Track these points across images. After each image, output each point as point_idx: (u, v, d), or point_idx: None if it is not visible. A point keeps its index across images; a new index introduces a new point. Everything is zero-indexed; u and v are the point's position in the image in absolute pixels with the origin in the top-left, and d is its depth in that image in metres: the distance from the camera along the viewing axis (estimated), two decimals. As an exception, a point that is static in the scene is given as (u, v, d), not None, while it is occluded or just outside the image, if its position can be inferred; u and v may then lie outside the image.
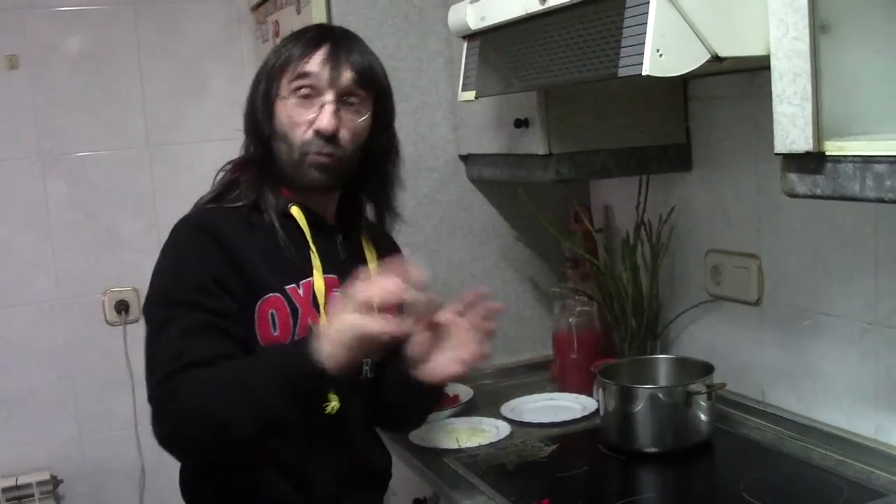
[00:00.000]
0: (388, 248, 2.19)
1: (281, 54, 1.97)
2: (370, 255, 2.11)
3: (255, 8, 3.52)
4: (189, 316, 1.80)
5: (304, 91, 1.93)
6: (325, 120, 1.91)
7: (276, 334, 1.90)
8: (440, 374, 1.97)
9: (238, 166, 2.03)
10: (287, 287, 1.92)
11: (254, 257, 1.89)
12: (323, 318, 1.92)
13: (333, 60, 1.93)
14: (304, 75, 1.92)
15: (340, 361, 1.68)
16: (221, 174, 2.05)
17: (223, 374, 1.74)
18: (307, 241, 1.97)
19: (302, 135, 1.93)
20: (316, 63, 1.93)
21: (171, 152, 3.58)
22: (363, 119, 1.98)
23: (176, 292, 1.84)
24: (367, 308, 1.67)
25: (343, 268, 1.99)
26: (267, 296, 1.90)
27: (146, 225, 3.54)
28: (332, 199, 2.08)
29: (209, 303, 1.82)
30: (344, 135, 1.94)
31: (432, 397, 2.15)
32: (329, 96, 1.92)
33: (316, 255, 1.96)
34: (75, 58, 3.47)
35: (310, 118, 1.93)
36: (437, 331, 1.97)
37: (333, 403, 1.88)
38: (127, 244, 3.55)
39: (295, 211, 1.98)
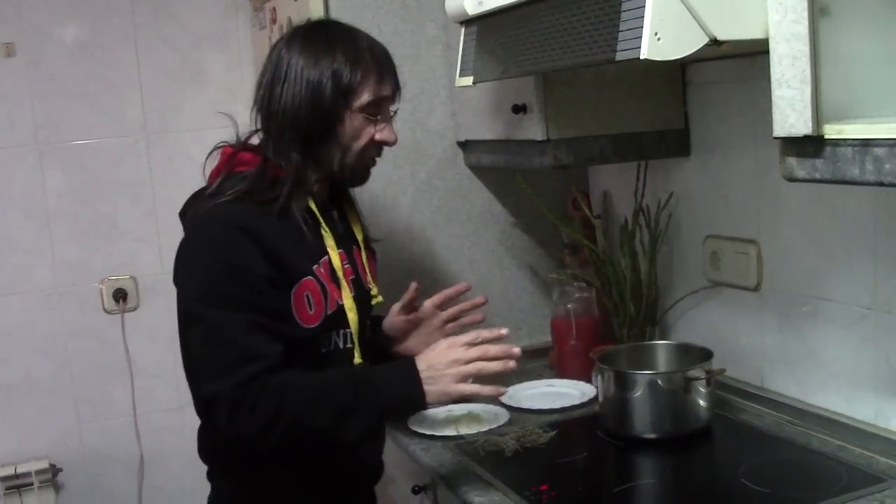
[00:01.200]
0: (360, 213, 2.33)
1: (355, 69, 2.03)
2: (356, 226, 2.26)
3: (252, -5, 3.52)
4: (243, 317, 1.91)
5: (374, 109, 2.07)
6: (394, 135, 2.12)
7: (311, 312, 2.02)
8: (409, 353, 2.22)
9: (274, 165, 2.05)
10: (314, 268, 2.04)
11: (284, 246, 1.98)
12: (345, 291, 2.09)
13: (395, 80, 2.12)
14: (385, 97, 2.09)
15: (436, 403, 2.00)
16: (213, 161, 2.11)
17: (320, 390, 1.93)
18: (320, 224, 2.08)
19: (365, 145, 2.08)
20: (390, 87, 2.10)
21: (168, 140, 3.58)
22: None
23: (225, 292, 1.93)
24: (467, 377, 1.95)
25: (344, 242, 2.16)
26: (301, 280, 2.00)
27: (144, 213, 3.53)
28: (328, 184, 2.18)
29: (261, 301, 1.93)
30: None
31: None
32: (392, 112, 2.13)
33: (329, 234, 2.09)
34: (72, 46, 3.45)
35: (375, 130, 2.08)
36: (415, 316, 2.33)
37: (358, 361, 2.13)
38: (125, 232, 3.54)
39: (311, 202, 2.08)
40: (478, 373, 1.95)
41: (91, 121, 3.49)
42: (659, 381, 2.30)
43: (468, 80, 2.37)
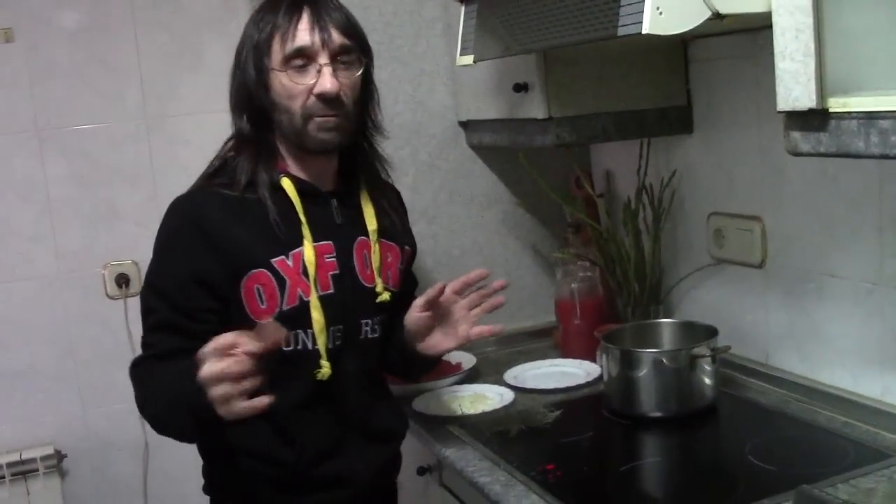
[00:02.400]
0: (391, 208, 2.20)
1: (263, 27, 1.97)
2: (369, 216, 2.11)
3: (251, -23, 3.50)
4: (161, 307, 1.95)
5: (298, 61, 1.94)
6: (328, 83, 1.92)
7: (263, 307, 1.95)
8: (435, 349, 2.12)
9: (236, 142, 2.05)
10: (273, 260, 1.96)
11: (239, 235, 1.94)
12: (312, 287, 1.98)
13: (320, 23, 1.94)
14: (296, 44, 1.93)
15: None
16: (223, 148, 2.08)
17: (162, 384, 1.88)
18: (296, 212, 2.00)
19: (304, 102, 1.94)
20: (304, 31, 1.93)
21: (169, 125, 3.56)
22: (358, 74, 2.01)
23: (157, 283, 1.98)
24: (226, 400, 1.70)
25: (340, 232, 2.05)
26: (251, 272, 1.94)
27: (145, 198, 3.52)
28: (330, 165, 2.09)
29: (178, 299, 1.93)
30: (345, 93, 1.96)
31: (427, 366, 2.24)
32: (324, 59, 1.93)
33: (306, 225, 1.99)
34: (71, 30, 3.43)
35: (309, 84, 1.94)
36: (436, 309, 2.09)
37: (325, 370, 1.99)
38: (126, 217, 3.53)
39: (285, 183, 2.00)
40: (223, 397, 1.68)
41: (91, 106, 3.47)
42: (664, 360, 2.30)
43: (469, 59, 2.36)
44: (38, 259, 3.45)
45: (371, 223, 2.11)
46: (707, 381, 2.31)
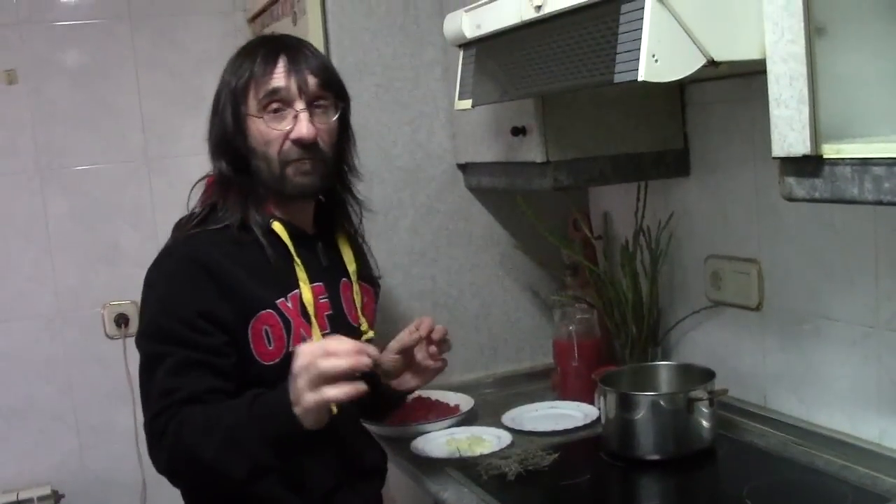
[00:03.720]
0: (360, 249, 2.27)
1: (240, 73, 2.00)
2: (347, 257, 2.17)
3: (252, 20, 3.53)
4: (177, 353, 1.86)
5: (274, 106, 1.96)
6: (304, 129, 1.95)
7: (271, 348, 1.95)
8: (405, 387, 2.26)
9: (217, 187, 2.05)
10: (277, 301, 1.97)
11: (243, 277, 1.94)
12: (315, 328, 2.00)
13: (296, 69, 1.97)
14: (273, 91, 1.96)
15: (315, 420, 1.75)
16: (198, 192, 2.11)
17: (213, 419, 1.80)
18: (291, 255, 2.02)
19: (280, 147, 1.97)
20: (280, 76, 1.97)
21: (169, 165, 3.58)
22: (334, 119, 2.04)
23: (164, 327, 1.89)
24: (326, 380, 1.72)
25: (326, 275, 2.10)
26: (259, 313, 1.94)
27: (145, 238, 3.53)
28: (309, 208, 2.13)
29: (197, 339, 1.87)
30: (322, 138, 2.00)
31: (398, 402, 2.36)
32: (300, 105, 1.97)
33: (301, 267, 2.02)
34: (73, 72, 3.47)
35: (286, 130, 1.96)
36: (406, 353, 2.21)
37: (334, 407, 1.90)
38: (126, 257, 3.54)
39: (277, 227, 2.02)
40: (320, 377, 1.71)
41: (92, 146, 3.50)
42: (661, 402, 2.30)
43: (467, 104, 2.37)
44: (38, 297, 3.47)
45: (350, 265, 2.17)
46: (705, 423, 2.30)
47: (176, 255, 1.98)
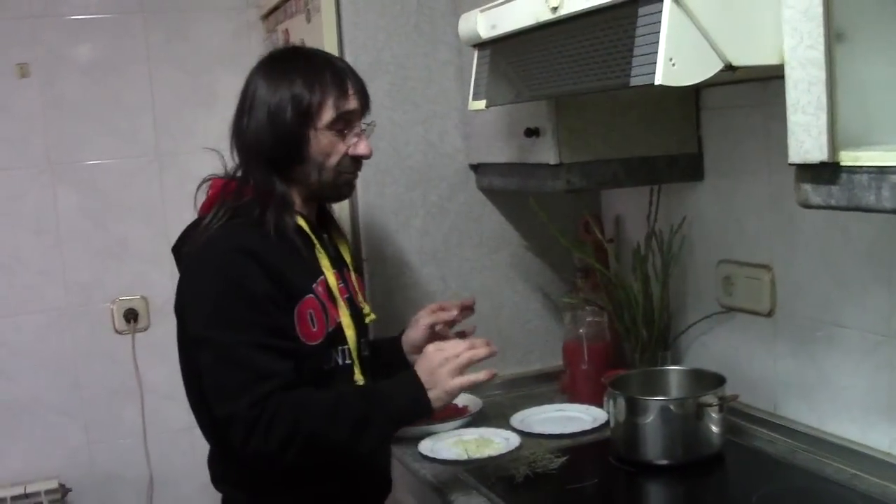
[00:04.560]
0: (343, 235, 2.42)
1: (314, 90, 2.11)
2: (344, 250, 2.34)
3: (266, 17, 3.52)
4: (251, 337, 1.98)
5: (341, 123, 2.13)
6: (366, 148, 2.18)
7: (314, 330, 2.10)
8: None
9: (255, 192, 2.13)
10: (313, 286, 2.12)
11: (284, 265, 2.06)
12: (342, 309, 2.19)
13: (361, 94, 2.18)
14: (349, 112, 2.14)
15: (445, 404, 2.08)
16: (203, 194, 2.22)
17: (340, 404, 2.01)
18: (314, 245, 2.17)
19: (339, 160, 2.15)
20: (353, 99, 2.15)
21: (180, 161, 3.58)
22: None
23: (232, 313, 2.00)
24: (461, 369, 2.06)
25: (336, 263, 2.25)
26: (304, 298, 2.08)
27: (155, 234, 3.53)
28: (315, 206, 2.28)
29: (266, 321, 2.00)
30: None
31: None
32: (362, 126, 2.19)
33: (324, 255, 2.18)
34: (85, 67, 3.46)
35: (347, 145, 2.15)
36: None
37: (357, 377, 2.20)
38: (136, 253, 3.54)
39: (301, 222, 2.16)
40: (469, 362, 2.06)
41: (103, 142, 3.50)
42: (671, 407, 2.29)
43: (481, 104, 2.37)
44: (48, 292, 3.47)
45: (346, 255, 2.34)
46: (714, 429, 2.29)
47: (222, 247, 2.05)
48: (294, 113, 2.10)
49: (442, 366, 2.04)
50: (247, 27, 3.63)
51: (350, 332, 2.18)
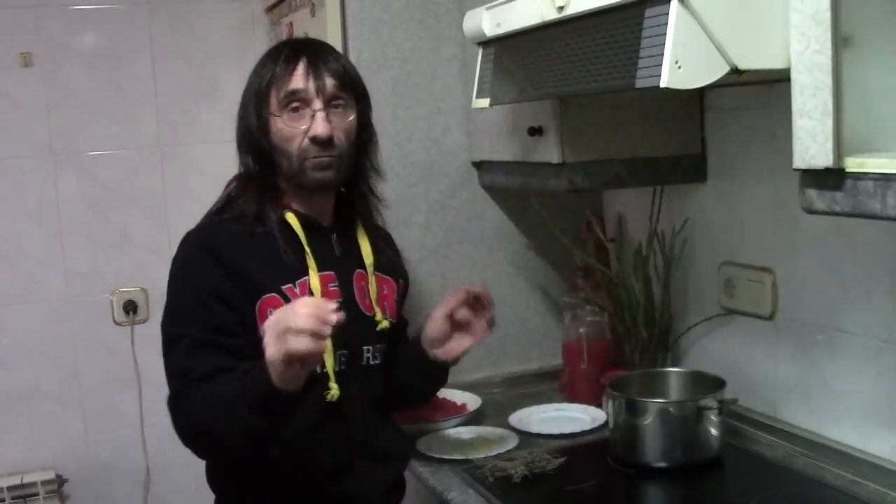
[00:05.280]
0: (384, 244, 2.34)
1: (263, 75, 2.12)
2: (365, 249, 2.24)
3: (270, 9, 3.51)
4: (192, 333, 2.00)
5: (293, 105, 2.08)
6: (320, 127, 2.06)
7: None
8: (456, 352, 2.25)
9: (241, 181, 2.18)
10: (284, 287, 2.07)
11: (253, 264, 2.05)
12: None
13: (315, 72, 2.08)
14: (292, 91, 2.07)
15: (287, 381, 1.82)
16: (228, 187, 2.21)
17: (215, 394, 1.93)
18: (302, 244, 2.12)
19: (299, 144, 2.08)
20: (300, 78, 2.08)
21: (182, 153, 3.57)
22: (350, 119, 2.14)
23: (180, 308, 2.06)
24: (288, 333, 1.77)
25: (339, 264, 2.18)
26: (265, 296, 2.04)
27: (156, 225, 3.53)
28: (328, 202, 2.22)
29: (209, 317, 2.01)
30: (338, 136, 2.10)
31: (442, 376, 2.36)
32: (318, 105, 2.08)
33: (311, 256, 2.11)
34: (89, 56, 3.46)
35: (303, 128, 2.08)
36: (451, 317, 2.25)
37: (333, 391, 2.08)
38: (137, 244, 3.54)
39: (290, 218, 2.12)
40: (283, 328, 1.76)
41: (106, 132, 3.49)
42: (670, 409, 2.28)
43: (485, 102, 2.36)
44: (48, 282, 3.46)
45: (367, 257, 2.23)
46: (713, 432, 2.29)
47: (189, 243, 2.11)
48: (251, 100, 2.12)
49: (266, 334, 1.80)
50: (251, 20, 3.62)
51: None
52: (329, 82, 2.09)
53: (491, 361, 3.06)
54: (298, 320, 1.75)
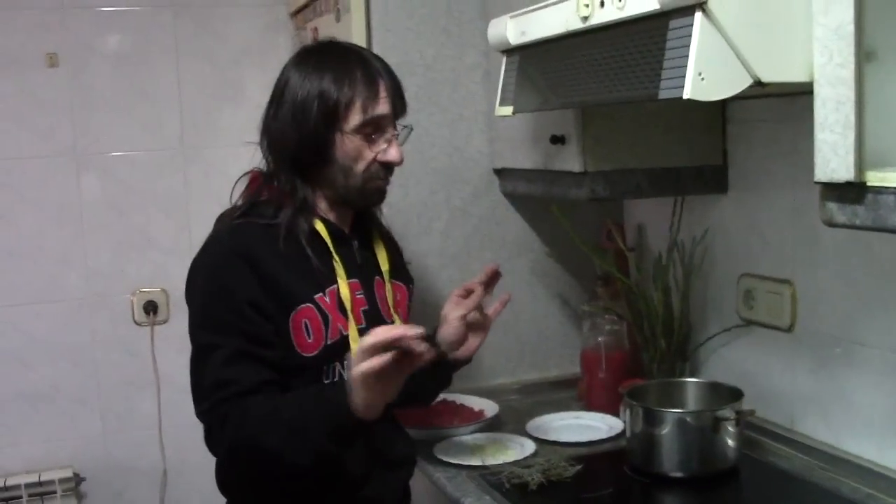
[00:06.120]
0: (395, 249, 2.34)
1: (343, 90, 2.01)
2: (381, 257, 2.23)
3: (295, 14, 3.53)
4: (229, 343, 1.93)
5: (371, 128, 2.04)
6: (397, 154, 2.07)
7: (310, 341, 2.00)
8: (469, 350, 2.31)
9: (261, 180, 2.11)
10: (316, 296, 2.02)
11: (284, 272, 1.99)
12: (351, 322, 2.05)
13: (396, 94, 2.07)
14: (380, 116, 2.04)
15: (374, 406, 1.82)
16: (241, 186, 2.15)
17: (276, 411, 1.88)
18: (330, 253, 2.08)
19: (368, 166, 2.05)
20: (385, 103, 2.04)
21: (205, 155, 3.59)
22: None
23: (214, 317, 1.97)
24: (375, 350, 1.77)
25: (361, 272, 2.15)
26: (299, 307, 1.99)
27: (178, 226, 3.55)
28: (350, 210, 2.18)
29: (246, 328, 1.94)
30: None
31: (450, 377, 2.40)
32: (394, 131, 2.08)
33: (340, 264, 2.08)
34: (114, 58, 3.48)
35: (376, 150, 2.05)
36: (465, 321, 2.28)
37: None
38: (158, 245, 3.56)
39: (319, 226, 2.08)
40: (365, 349, 1.77)
41: (129, 133, 3.51)
42: (688, 420, 2.28)
43: (508, 110, 2.36)
44: (69, 282, 3.48)
45: (384, 264, 2.22)
46: (730, 443, 2.29)
47: (220, 247, 2.02)
48: (320, 112, 2.01)
49: (353, 361, 1.81)
50: (276, 23, 3.64)
51: (355, 346, 1.92)
52: (402, 106, 2.09)
53: (509, 368, 3.07)
54: (374, 335, 1.77)
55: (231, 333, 1.93)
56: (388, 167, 2.08)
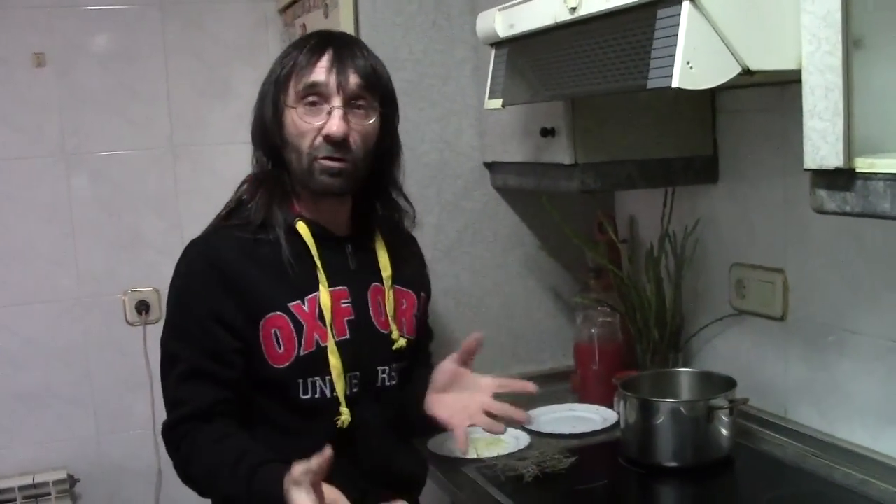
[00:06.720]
0: (407, 254, 2.21)
1: (285, 64, 1.98)
2: (383, 261, 2.10)
3: (283, 10, 3.52)
4: (187, 355, 1.92)
5: (311, 98, 1.93)
6: (335, 125, 1.91)
7: (280, 351, 1.94)
8: (443, 420, 2.08)
9: (253, 182, 2.05)
10: (291, 304, 1.95)
11: (257, 278, 1.94)
12: (329, 332, 1.97)
13: (339, 66, 1.93)
14: (312, 84, 1.93)
15: None
16: (239, 189, 2.08)
17: (219, 454, 1.86)
18: (311, 256, 1.99)
19: (311, 141, 1.93)
20: (321, 70, 1.93)
21: (194, 153, 3.58)
22: (371, 122, 1.98)
23: (179, 325, 1.97)
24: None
25: (353, 278, 2.04)
26: (268, 315, 1.94)
27: (169, 225, 3.54)
28: (343, 209, 2.08)
29: (206, 342, 1.91)
30: (354, 139, 1.94)
31: (429, 431, 2.29)
32: (336, 102, 1.92)
33: (321, 270, 1.98)
34: (101, 57, 3.47)
35: (318, 125, 1.93)
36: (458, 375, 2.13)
37: (344, 417, 1.98)
38: (149, 244, 3.55)
39: (300, 227, 1.99)
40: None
41: (118, 132, 3.50)
42: (681, 409, 2.29)
43: (497, 103, 2.36)
44: (60, 282, 3.47)
45: (385, 269, 2.10)
46: (724, 432, 2.29)
47: (192, 253, 1.99)
48: (271, 89, 1.98)
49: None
50: (265, 20, 3.63)
51: (334, 360, 1.96)
52: (353, 79, 1.93)
53: (503, 362, 3.07)
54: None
55: (191, 345, 1.92)
56: (337, 144, 1.92)
